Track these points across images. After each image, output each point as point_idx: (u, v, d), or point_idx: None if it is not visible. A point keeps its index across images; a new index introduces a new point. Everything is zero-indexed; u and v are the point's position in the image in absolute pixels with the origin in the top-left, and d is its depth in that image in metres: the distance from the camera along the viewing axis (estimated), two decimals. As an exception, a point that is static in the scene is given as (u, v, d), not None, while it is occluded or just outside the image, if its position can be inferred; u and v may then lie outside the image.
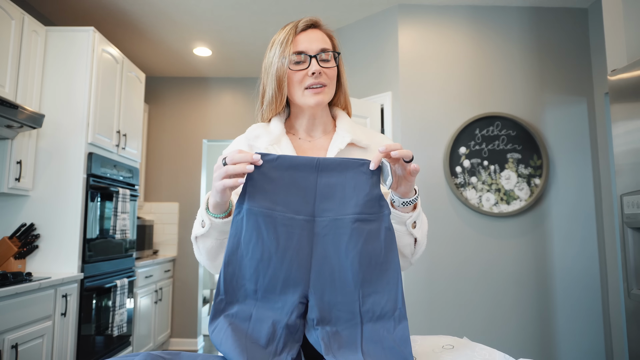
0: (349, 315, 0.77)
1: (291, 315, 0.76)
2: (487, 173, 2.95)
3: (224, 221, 0.85)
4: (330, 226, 0.79)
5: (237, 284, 0.79)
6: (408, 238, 0.92)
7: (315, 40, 0.97)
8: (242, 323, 0.77)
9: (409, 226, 0.89)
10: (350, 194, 0.80)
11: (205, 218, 0.86)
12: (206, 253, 0.91)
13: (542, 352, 2.84)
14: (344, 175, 0.80)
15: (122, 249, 3.20)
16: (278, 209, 0.79)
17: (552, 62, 3.08)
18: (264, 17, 3.34)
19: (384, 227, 0.80)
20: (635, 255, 1.69)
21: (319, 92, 0.96)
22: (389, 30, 3.12)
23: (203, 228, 0.87)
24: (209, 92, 4.61)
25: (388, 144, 0.79)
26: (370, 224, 0.79)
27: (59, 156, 2.68)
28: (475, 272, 2.89)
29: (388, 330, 0.76)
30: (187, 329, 4.33)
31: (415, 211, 0.89)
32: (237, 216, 0.80)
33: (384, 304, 0.77)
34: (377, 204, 0.80)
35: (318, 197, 0.80)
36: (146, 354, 0.70)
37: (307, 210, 0.80)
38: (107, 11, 3.26)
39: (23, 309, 2.09)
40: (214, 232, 0.87)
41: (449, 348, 0.85)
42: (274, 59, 0.97)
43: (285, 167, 0.80)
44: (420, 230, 0.92)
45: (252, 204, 0.78)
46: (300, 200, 0.80)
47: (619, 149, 1.77)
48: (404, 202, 0.86)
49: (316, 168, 0.80)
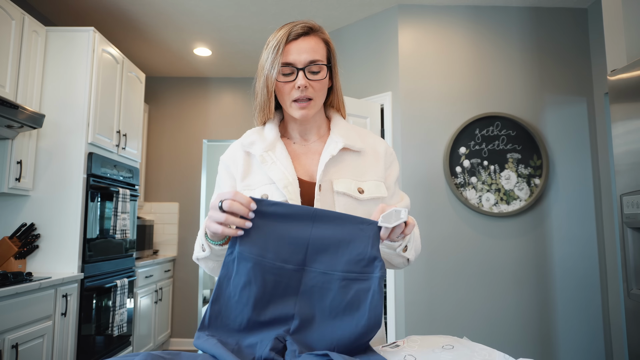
0: None
1: (265, 348, 0.77)
2: (487, 173, 2.95)
3: (222, 248, 0.89)
4: (318, 279, 0.80)
5: (221, 322, 0.81)
6: (399, 259, 0.96)
7: (305, 51, 0.94)
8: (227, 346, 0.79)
9: (400, 251, 0.92)
10: (343, 249, 0.80)
11: (205, 244, 0.89)
12: (210, 271, 0.97)
13: (542, 352, 2.84)
14: (341, 229, 0.80)
15: (122, 249, 3.20)
16: (268, 256, 0.80)
17: (552, 62, 3.08)
18: (264, 17, 3.34)
19: (372, 288, 0.80)
20: (635, 255, 1.70)
21: (305, 106, 0.96)
22: (389, 30, 3.12)
23: (203, 252, 0.91)
24: (209, 92, 4.61)
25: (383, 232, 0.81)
26: (359, 284, 0.79)
27: (59, 156, 2.68)
28: (475, 272, 2.90)
29: None
30: (187, 329, 4.33)
31: (405, 238, 0.91)
32: (229, 256, 0.81)
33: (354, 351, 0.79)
34: (371, 264, 0.80)
35: (310, 248, 0.81)
36: (146, 354, 0.70)
37: (297, 260, 0.80)
38: (107, 11, 3.26)
39: (23, 309, 2.09)
40: (213, 256, 0.91)
41: (449, 348, 0.85)
42: (266, 64, 0.97)
43: (281, 215, 0.81)
44: (412, 250, 0.95)
45: (243, 249, 0.80)
46: (292, 249, 0.80)
47: (619, 149, 1.77)
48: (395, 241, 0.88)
49: (312, 219, 0.81)
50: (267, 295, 0.79)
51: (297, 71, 0.94)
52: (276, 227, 0.80)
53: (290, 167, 0.96)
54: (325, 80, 0.99)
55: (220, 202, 0.79)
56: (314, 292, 0.80)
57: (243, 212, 0.78)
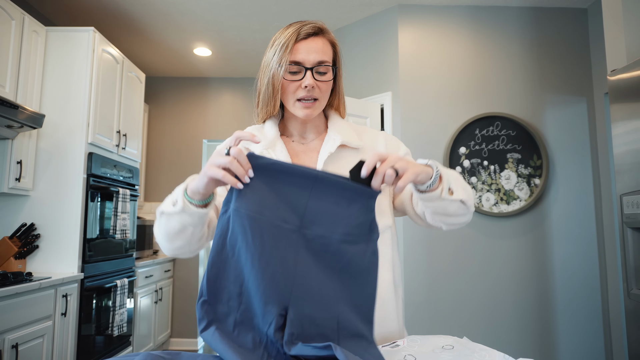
0: (327, 331, 0.76)
1: (270, 327, 0.74)
2: (487, 173, 2.95)
3: (197, 210, 0.82)
4: (316, 242, 0.78)
5: (220, 285, 0.77)
6: (452, 205, 0.87)
7: (314, 52, 0.94)
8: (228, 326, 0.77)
9: (446, 197, 0.84)
10: (342, 213, 0.78)
11: (180, 199, 0.82)
12: (166, 233, 0.87)
13: (542, 352, 2.84)
14: (341, 193, 0.78)
15: (122, 249, 3.20)
16: (266, 213, 0.76)
17: (552, 62, 3.08)
18: (264, 17, 3.34)
19: (370, 251, 0.79)
20: (635, 255, 1.70)
21: (309, 106, 0.96)
22: (389, 30, 3.12)
23: (173, 207, 0.83)
24: (209, 92, 4.61)
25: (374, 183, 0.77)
26: (356, 246, 0.78)
27: (59, 156, 2.68)
28: (475, 272, 2.90)
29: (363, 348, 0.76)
30: (187, 329, 4.33)
31: (442, 182, 0.84)
32: (224, 215, 0.77)
33: (359, 324, 0.78)
34: (368, 228, 0.79)
35: (309, 209, 0.78)
36: (146, 354, 0.70)
37: (295, 220, 0.77)
38: (107, 11, 3.26)
39: (23, 309, 2.09)
40: (183, 215, 0.83)
41: (449, 348, 0.85)
42: (272, 62, 0.96)
43: (281, 173, 0.77)
44: (460, 190, 0.87)
45: (240, 205, 0.76)
46: (290, 209, 0.77)
47: (619, 149, 1.77)
48: (427, 185, 0.82)
49: (313, 180, 0.77)
50: (265, 254, 0.75)
51: (305, 71, 0.94)
52: (275, 186, 0.77)
53: None
54: (331, 82, 0.99)
55: (228, 148, 0.76)
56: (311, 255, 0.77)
57: (246, 166, 0.75)
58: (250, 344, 0.75)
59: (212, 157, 0.77)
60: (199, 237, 0.89)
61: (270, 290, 0.75)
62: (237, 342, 0.75)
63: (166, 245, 0.90)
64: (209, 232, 0.93)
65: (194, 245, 0.91)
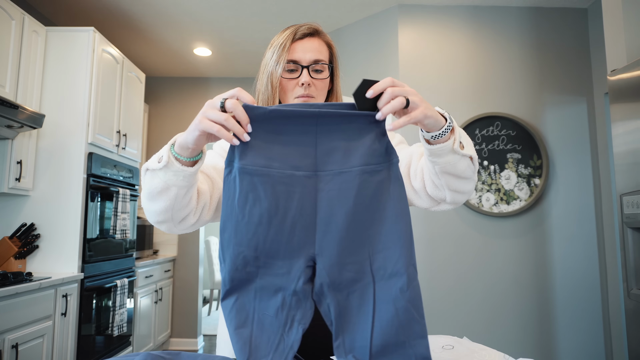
0: (360, 275, 0.71)
1: (298, 281, 0.70)
2: (487, 173, 2.95)
3: (183, 168, 0.76)
4: (335, 180, 0.71)
5: (234, 251, 0.72)
6: (463, 161, 0.82)
7: (310, 51, 0.98)
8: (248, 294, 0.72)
9: (458, 150, 0.79)
10: (355, 144, 0.72)
11: (166, 155, 0.76)
12: (148, 191, 0.81)
13: (542, 352, 2.84)
14: (348, 126, 0.72)
15: (122, 249, 3.20)
16: (275, 165, 0.71)
17: (552, 62, 3.08)
18: (264, 17, 3.34)
19: (394, 176, 0.73)
20: (635, 255, 1.70)
21: (306, 102, 0.98)
22: (389, 30, 3.12)
23: (159, 163, 0.77)
24: (209, 92, 4.61)
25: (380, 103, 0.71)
26: (378, 175, 0.72)
27: (59, 156, 2.68)
28: (475, 272, 2.90)
29: (401, 289, 0.70)
30: (187, 329, 4.33)
31: (455, 133, 0.79)
32: (229, 177, 0.72)
33: (395, 260, 0.71)
34: (385, 153, 0.73)
35: (319, 149, 0.72)
36: (146, 354, 0.70)
37: (307, 165, 0.72)
38: (107, 11, 3.26)
39: (23, 309, 2.09)
40: (167, 173, 0.77)
41: (449, 348, 0.85)
42: (270, 62, 0.99)
43: (280, 118, 0.71)
44: (469, 145, 0.83)
45: (245, 162, 0.71)
46: (299, 154, 0.72)
47: (619, 149, 1.77)
48: (440, 133, 0.77)
49: (315, 120, 0.71)
50: (281, 210, 0.70)
51: (302, 69, 0.97)
52: (278, 133, 0.71)
53: None
54: (327, 81, 1.02)
55: (223, 100, 0.70)
56: (332, 196, 0.71)
57: (244, 119, 0.70)
58: (273, 310, 0.71)
59: (205, 109, 0.71)
60: (183, 204, 0.82)
61: (293, 244, 0.71)
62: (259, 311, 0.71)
63: (148, 206, 0.83)
64: (197, 204, 0.86)
65: (177, 212, 0.82)
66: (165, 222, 0.85)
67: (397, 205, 0.72)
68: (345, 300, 0.71)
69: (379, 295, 0.70)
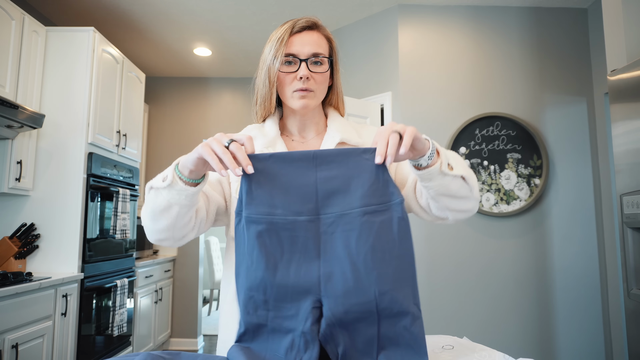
0: (365, 315, 0.72)
1: (306, 322, 0.71)
2: (487, 173, 2.95)
3: (186, 187, 0.78)
4: (337, 223, 0.73)
5: (245, 295, 0.75)
6: (455, 182, 0.83)
7: (309, 44, 0.95)
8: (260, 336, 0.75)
9: (446, 171, 0.80)
10: (355, 184, 0.73)
11: (170, 174, 0.78)
12: (151, 210, 0.83)
13: (542, 352, 2.84)
14: (346, 165, 0.74)
15: (122, 249, 3.20)
16: (278, 212, 0.73)
17: (552, 62, 3.08)
18: (264, 17, 3.34)
19: (397, 217, 0.74)
20: (635, 255, 1.69)
21: (305, 96, 0.95)
22: (389, 30, 3.12)
23: (163, 182, 0.79)
24: (209, 92, 4.61)
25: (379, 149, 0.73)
26: (381, 215, 0.73)
27: (59, 156, 2.68)
28: (475, 272, 2.90)
29: (405, 327, 0.72)
30: (187, 329, 4.33)
31: (440, 155, 0.81)
32: (238, 225, 0.76)
33: (401, 300, 0.72)
34: (387, 192, 0.74)
35: (320, 193, 0.74)
36: (146, 354, 0.70)
37: (309, 209, 0.74)
38: (107, 11, 3.26)
39: (23, 309, 2.09)
40: (171, 191, 0.79)
41: (449, 348, 0.85)
42: (268, 56, 0.97)
43: (280, 165, 0.74)
44: (459, 166, 0.84)
45: (250, 211, 0.74)
46: (300, 199, 0.74)
47: (619, 149, 1.77)
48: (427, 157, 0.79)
49: (313, 161, 0.74)
50: (286, 255, 0.73)
51: (300, 62, 0.95)
52: (279, 180, 0.74)
53: None
54: (327, 74, 0.99)
55: (230, 141, 0.73)
56: (336, 238, 0.73)
57: (244, 162, 0.72)
58: (283, 351, 0.72)
59: (211, 139, 0.74)
60: (184, 222, 0.84)
61: (299, 287, 0.73)
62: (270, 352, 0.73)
63: (150, 225, 0.85)
64: (196, 221, 0.88)
65: (178, 230, 0.85)
66: (167, 240, 0.87)
67: (400, 246, 0.73)
68: (350, 339, 0.73)
69: (384, 333, 0.72)
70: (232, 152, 0.73)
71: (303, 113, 1.01)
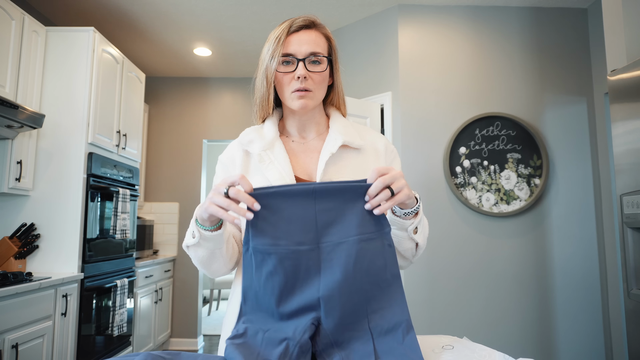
0: (360, 333, 0.80)
1: (304, 335, 0.77)
2: (487, 173, 2.95)
3: (212, 234, 0.86)
4: (336, 250, 0.81)
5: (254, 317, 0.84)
6: (409, 243, 0.92)
7: (306, 43, 0.94)
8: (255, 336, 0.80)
9: (411, 232, 0.89)
10: (350, 216, 0.81)
11: (196, 230, 0.86)
12: (199, 261, 0.92)
13: (542, 352, 2.84)
14: (342, 198, 0.81)
15: (122, 249, 3.20)
16: (281, 243, 0.80)
17: (552, 62, 3.08)
18: (264, 17, 3.34)
19: (386, 244, 0.82)
20: (635, 255, 1.70)
21: (303, 95, 0.95)
22: (389, 30, 3.12)
23: (193, 239, 0.87)
24: (209, 92, 4.61)
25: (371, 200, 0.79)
26: (373, 242, 0.81)
27: (59, 156, 2.68)
28: (474, 271, 2.90)
29: (397, 341, 0.78)
30: (187, 329, 4.33)
31: (417, 217, 0.89)
32: (246, 253, 0.83)
33: (389, 318, 0.80)
34: (378, 222, 0.82)
35: (319, 224, 0.81)
36: (146, 354, 0.70)
37: (310, 239, 0.81)
38: (107, 11, 3.26)
39: (23, 309, 2.09)
40: (204, 242, 0.87)
41: (449, 348, 0.85)
42: (266, 56, 0.96)
43: (282, 199, 0.81)
44: (422, 234, 0.93)
45: (256, 243, 0.81)
46: (302, 229, 0.81)
47: (619, 149, 1.77)
48: (405, 212, 0.87)
49: (312, 195, 0.81)
50: (290, 281, 0.80)
51: (298, 62, 0.94)
52: (281, 212, 0.81)
53: (287, 167, 0.95)
54: (326, 74, 0.98)
55: (227, 188, 0.78)
56: (334, 264, 0.80)
57: (248, 202, 0.77)
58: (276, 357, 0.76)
59: (212, 194, 0.79)
60: (229, 255, 0.93)
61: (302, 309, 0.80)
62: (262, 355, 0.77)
63: (205, 270, 0.95)
64: (238, 247, 0.98)
65: (229, 263, 0.95)
66: (225, 272, 0.98)
67: (390, 270, 0.82)
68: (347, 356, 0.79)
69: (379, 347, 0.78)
70: (234, 199, 0.77)
71: (302, 113, 1.00)
